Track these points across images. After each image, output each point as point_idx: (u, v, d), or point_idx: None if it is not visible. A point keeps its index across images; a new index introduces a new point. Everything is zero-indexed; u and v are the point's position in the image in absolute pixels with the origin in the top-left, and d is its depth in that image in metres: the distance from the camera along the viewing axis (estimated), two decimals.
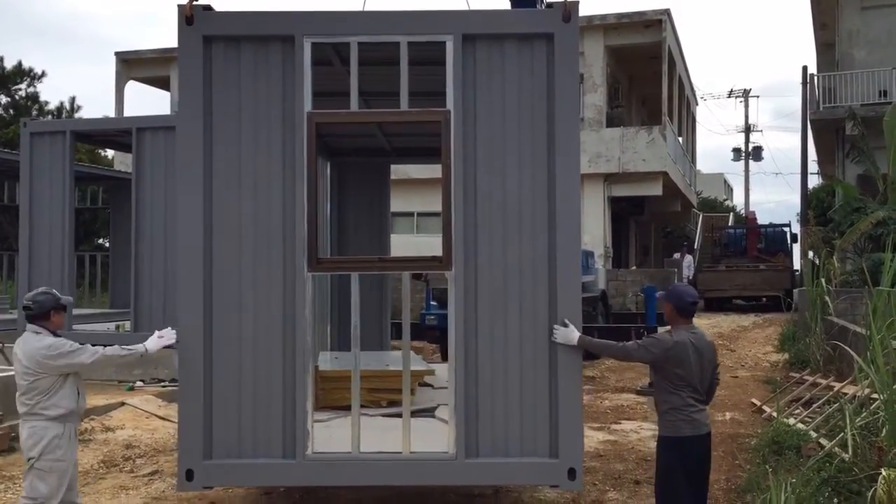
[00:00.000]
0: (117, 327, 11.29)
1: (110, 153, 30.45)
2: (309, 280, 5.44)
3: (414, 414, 5.87)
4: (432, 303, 13.15)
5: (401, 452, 5.44)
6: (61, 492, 5.13)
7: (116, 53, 30.60)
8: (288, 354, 5.47)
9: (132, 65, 30.71)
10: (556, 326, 5.30)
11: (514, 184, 5.48)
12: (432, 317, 12.31)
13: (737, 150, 50.29)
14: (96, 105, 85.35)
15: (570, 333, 5.25)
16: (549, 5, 5.54)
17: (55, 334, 5.24)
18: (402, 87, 5.47)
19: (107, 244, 23.33)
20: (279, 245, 5.49)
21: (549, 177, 5.45)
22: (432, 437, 5.80)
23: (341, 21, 5.52)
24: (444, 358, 7.96)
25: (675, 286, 5.62)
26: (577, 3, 5.38)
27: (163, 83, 30.82)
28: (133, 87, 31.49)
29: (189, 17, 5.34)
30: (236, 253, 5.49)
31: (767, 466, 6.49)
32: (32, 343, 5.11)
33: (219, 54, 5.49)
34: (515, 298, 5.44)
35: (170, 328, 5.49)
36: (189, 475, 5.39)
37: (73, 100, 36.04)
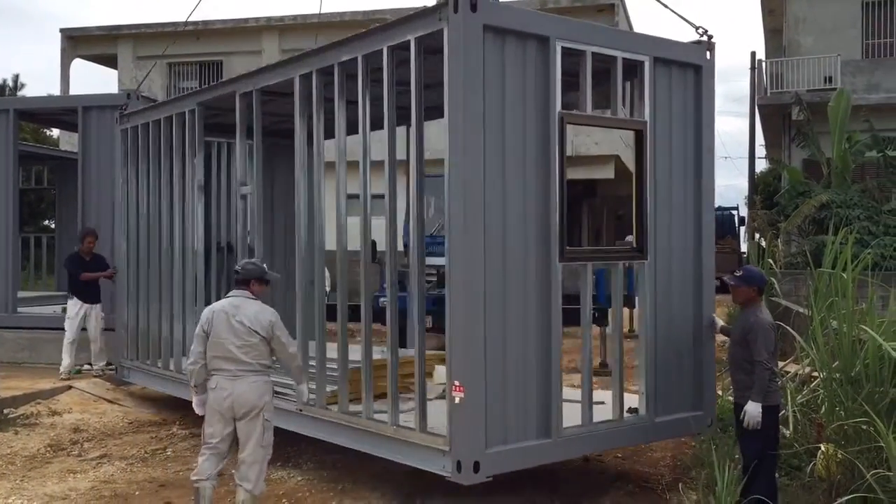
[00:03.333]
0: (63, 310, 11.08)
1: (55, 132, 29.71)
2: (559, 270, 5.75)
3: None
4: (385, 285, 13.11)
5: (612, 420, 6.10)
6: None
7: (62, 30, 29.78)
8: (543, 338, 5.72)
9: (78, 42, 29.92)
10: (714, 320, 6.25)
11: (680, 187, 6.54)
12: (386, 299, 12.25)
13: None
14: (41, 83, 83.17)
15: (754, 413, 5.47)
16: (704, 33, 6.62)
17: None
18: (612, 99, 6.24)
19: (52, 225, 22.82)
20: (533, 237, 5.70)
21: (695, 183, 6.62)
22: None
23: (586, 30, 6.12)
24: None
25: (749, 269, 6.03)
26: (715, 43, 6.60)
27: (110, 61, 30.10)
28: (79, 65, 30.74)
29: (474, 4, 5.31)
30: (501, 245, 5.56)
31: (712, 443, 6.65)
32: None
33: (489, 44, 5.48)
34: (678, 280, 6.52)
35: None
36: (476, 467, 5.36)
37: (16, 77, 35.02)
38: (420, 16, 5.70)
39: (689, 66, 6.57)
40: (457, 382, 5.32)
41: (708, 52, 6.63)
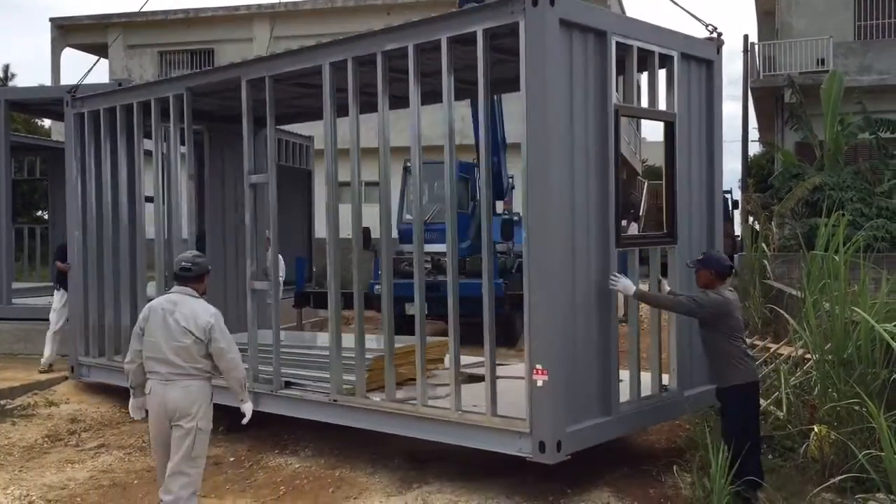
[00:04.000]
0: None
1: (47, 123, 29.57)
2: (615, 255, 6.00)
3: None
4: (380, 272, 13.11)
5: (653, 396, 6.44)
6: None
7: (52, 19, 29.63)
8: (603, 320, 5.99)
9: (68, 31, 29.77)
10: (613, 275, 5.92)
11: (697, 175, 6.86)
12: (380, 286, 12.25)
13: None
14: (32, 73, 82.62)
15: (628, 285, 5.89)
16: (714, 30, 6.93)
17: None
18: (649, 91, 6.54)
19: (46, 216, 22.76)
20: (594, 224, 5.92)
21: (707, 172, 6.96)
22: None
23: (633, 25, 6.27)
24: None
25: (708, 254, 6.09)
26: (724, 41, 6.94)
27: (100, 50, 29.95)
28: (70, 55, 30.57)
29: None
30: (570, 233, 5.73)
31: (706, 425, 6.70)
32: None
33: (562, 37, 5.63)
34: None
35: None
36: (559, 446, 5.54)
37: (6, 67, 34.79)
38: (488, 7, 5.80)
39: (704, 61, 6.90)
40: (539, 366, 5.51)
41: (717, 49, 6.98)
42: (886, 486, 5.11)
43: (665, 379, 6.66)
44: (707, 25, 6.92)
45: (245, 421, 5.46)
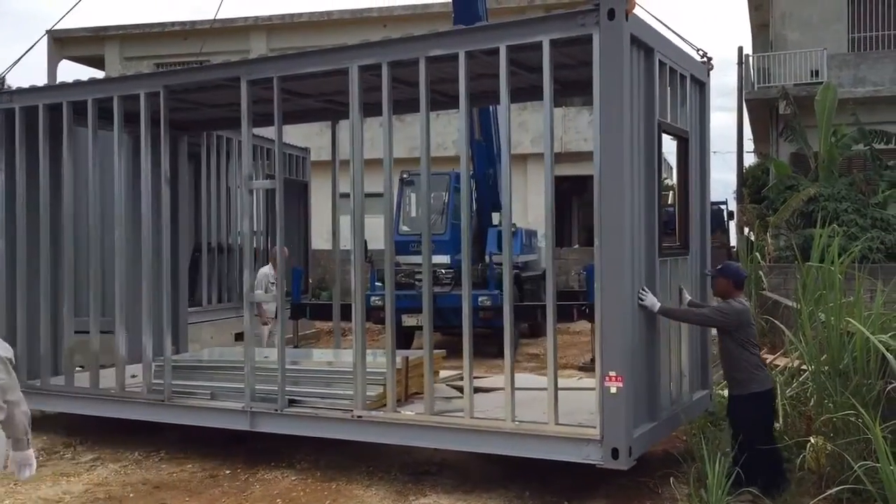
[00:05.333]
0: None
1: None
2: (658, 265, 6.24)
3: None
4: (377, 283, 13.15)
5: (683, 399, 6.82)
6: None
7: (48, 31, 29.64)
8: (650, 327, 6.18)
9: (65, 43, 29.82)
10: (642, 290, 5.99)
11: (694, 188, 7.11)
12: (377, 297, 12.30)
13: None
14: (28, 84, 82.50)
15: (655, 301, 6.02)
16: (704, 55, 7.30)
17: None
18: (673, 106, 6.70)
19: None
20: (643, 235, 6.09)
21: (701, 186, 7.27)
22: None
23: (669, 44, 6.52)
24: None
25: (727, 264, 6.35)
26: (713, 66, 7.40)
27: (97, 62, 30.01)
28: (66, 67, 30.61)
29: (627, 14, 5.60)
30: (630, 244, 5.84)
31: (702, 436, 6.70)
32: None
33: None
34: (695, 273, 7.19)
35: None
36: (630, 452, 5.66)
37: (2, 80, 34.79)
38: (556, 18, 5.92)
39: (699, 82, 7.28)
40: (612, 373, 5.61)
41: (708, 72, 7.43)
42: (883, 497, 5.11)
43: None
44: (699, 50, 7.26)
45: (27, 475, 4.33)
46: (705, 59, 7.39)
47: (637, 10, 5.79)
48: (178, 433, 7.90)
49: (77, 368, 8.56)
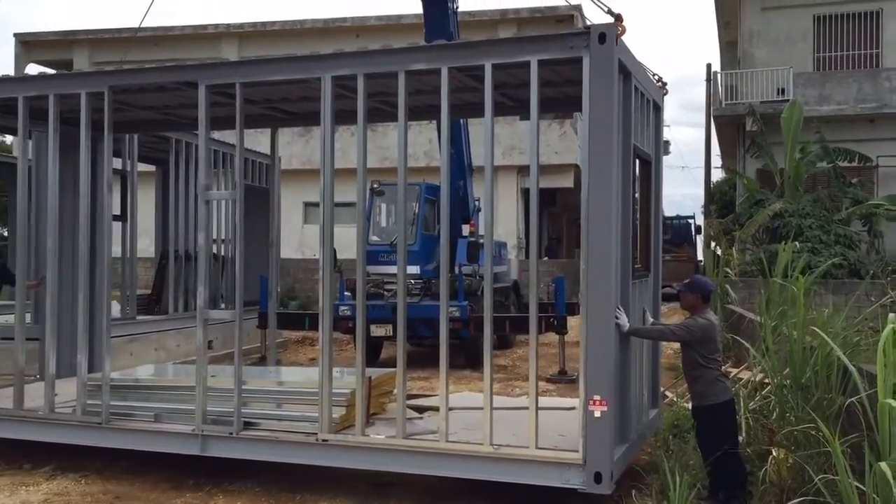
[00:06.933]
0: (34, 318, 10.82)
1: (9, 139, 29.14)
2: (631, 286, 6.28)
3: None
4: (346, 293, 13.11)
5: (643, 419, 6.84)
6: None
7: (15, 35, 29.32)
8: (624, 350, 6.13)
9: (32, 46, 29.48)
10: (617, 308, 5.88)
11: (650, 209, 7.29)
12: (346, 307, 12.26)
13: None
14: None
15: (625, 321, 5.99)
16: (659, 79, 7.43)
17: None
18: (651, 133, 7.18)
19: (5, 233, 22.38)
20: (620, 257, 6.00)
21: (655, 204, 7.40)
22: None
23: (641, 70, 6.67)
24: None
25: (695, 278, 6.40)
26: (668, 91, 7.64)
27: (65, 66, 29.64)
28: (34, 71, 30.20)
29: (616, 38, 5.67)
30: (614, 267, 5.78)
31: (667, 450, 6.75)
32: None
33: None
34: (653, 291, 7.28)
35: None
36: (611, 476, 5.61)
37: None
38: (544, 39, 5.94)
39: (656, 105, 7.36)
40: (597, 397, 5.55)
41: (662, 96, 7.62)
42: None
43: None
44: (654, 75, 7.41)
45: None
46: (660, 83, 7.54)
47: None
48: None
49: None
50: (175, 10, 60.11)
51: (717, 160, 33.35)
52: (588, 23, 5.93)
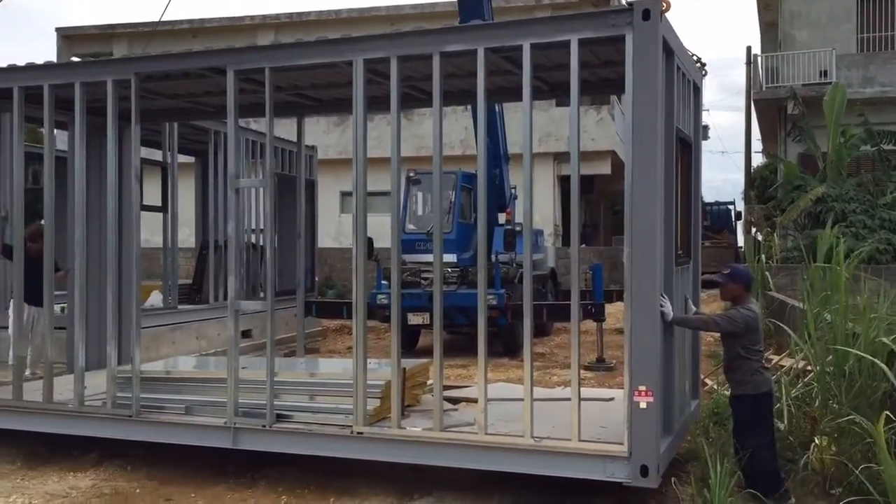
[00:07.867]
0: (62, 309, 11.06)
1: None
2: (675, 273, 6.18)
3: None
4: (383, 282, 13.17)
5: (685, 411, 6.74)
6: None
7: (57, 29, 29.82)
8: (668, 338, 5.99)
9: (74, 41, 29.94)
10: (662, 296, 5.70)
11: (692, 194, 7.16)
12: (383, 296, 12.33)
13: None
14: None
15: (670, 310, 5.84)
16: (698, 60, 7.61)
17: None
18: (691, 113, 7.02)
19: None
20: (664, 243, 5.77)
21: (695, 188, 7.23)
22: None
23: (683, 49, 6.47)
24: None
25: (735, 268, 6.28)
26: (707, 72, 7.25)
27: None
28: None
29: (660, 15, 5.48)
30: (659, 253, 5.62)
31: (708, 437, 6.70)
32: None
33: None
34: (693, 279, 7.21)
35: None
36: (658, 469, 5.48)
37: None
38: (584, 17, 5.79)
39: (696, 87, 7.17)
40: (643, 387, 5.42)
41: (702, 77, 7.51)
42: (885, 500, 5.10)
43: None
44: (693, 55, 7.28)
45: None
46: (699, 64, 7.47)
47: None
48: None
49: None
50: (214, 4, 60.75)
51: (757, 145, 32.87)
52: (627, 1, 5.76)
